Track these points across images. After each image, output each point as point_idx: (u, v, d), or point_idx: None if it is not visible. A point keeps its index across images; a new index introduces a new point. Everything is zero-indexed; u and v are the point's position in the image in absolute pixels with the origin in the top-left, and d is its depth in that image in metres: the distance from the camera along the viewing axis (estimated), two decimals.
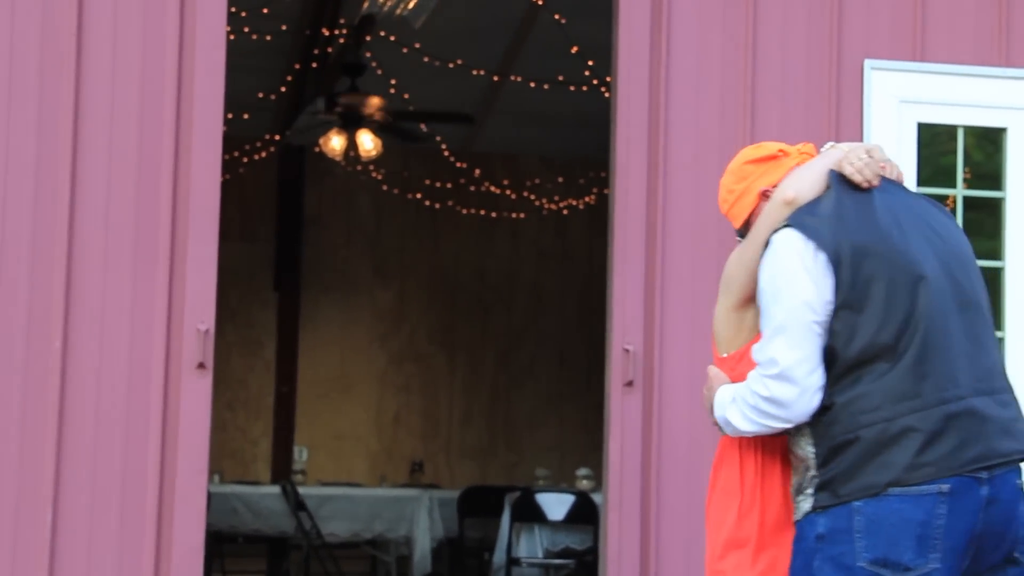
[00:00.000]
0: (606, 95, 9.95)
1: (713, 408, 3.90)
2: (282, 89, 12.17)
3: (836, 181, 3.84)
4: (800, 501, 3.76)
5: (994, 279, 5.79)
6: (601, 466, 5.83)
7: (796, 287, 3.71)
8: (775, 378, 3.70)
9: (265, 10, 10.52)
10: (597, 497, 9.02)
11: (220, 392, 12.05)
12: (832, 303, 3.69)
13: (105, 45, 5.43)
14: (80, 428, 5.29)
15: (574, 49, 10.70)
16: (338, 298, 13.89)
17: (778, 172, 3.95)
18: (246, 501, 10.52)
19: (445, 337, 14.06)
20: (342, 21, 11.30)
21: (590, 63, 10.82)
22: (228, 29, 5.56)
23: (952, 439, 3.63)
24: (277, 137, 12.95)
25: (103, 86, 5.41)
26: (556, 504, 9.40)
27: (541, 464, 12.24)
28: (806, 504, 3.74)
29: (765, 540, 3.82)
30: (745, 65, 5.76)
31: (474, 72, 11.82)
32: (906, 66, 5.82)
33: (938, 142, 5.98)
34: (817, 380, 3.70)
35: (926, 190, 5.70)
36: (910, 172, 5.73)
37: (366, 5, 10.97)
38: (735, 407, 3.80)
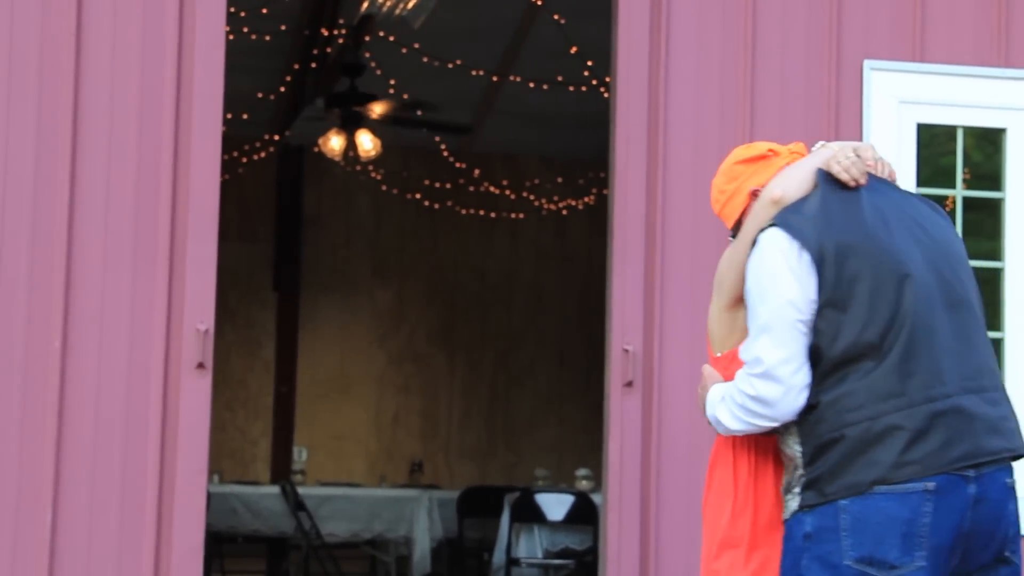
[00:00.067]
0: (605, 95, 9.95)
1: (705, 407, 3.91)
2: (281, 89, 12.17)
3: (823, 180, 3.84)
4: (788, 500, 3.77)
5: (994, 279, 5.79)
6: (600, 466, 5.83)
7: (780, 286, 3.71)
8: (760, 377, 3.71)
9: (264, 10, 10.51)
10: (596, 497, 9.02)
11: (219, 392, 12.03)
12: (816, 302, 3.69)
13: (104, 45, 5.43)
14: (80, 428, 5.28)
15: (573, 49, 10.69)
16: (337, 298, 13.89)
17: (768, 172, 3.95)
18: (245, 501, 10.51)
19: (444, 337, 14.06)
20: (341, 21, 11.30)
21: (589, 63, 10.81)
22: (227, 29, 5.56)
23: (938, 437, 3.62)
24: (276, 137, 12.95)
25: (102, 86, 5.41)
26: (555, 504, 9.39)
27: (540, 464, 12.24)
28: (794, 503, 3.74)
29: (758, 539, 3.83)
30: (745, 65, 5.76)
31: (473, 72, 11.82)
32: (906, 66, 5.82)
33: (937, 143, 5.98)
34: (802, 379, 3.70)
35: (926, 191, 5.70)
36: (910, 173, 5.73)
37: (365, 5, 10.96)
38: (724, 406, 3.81)
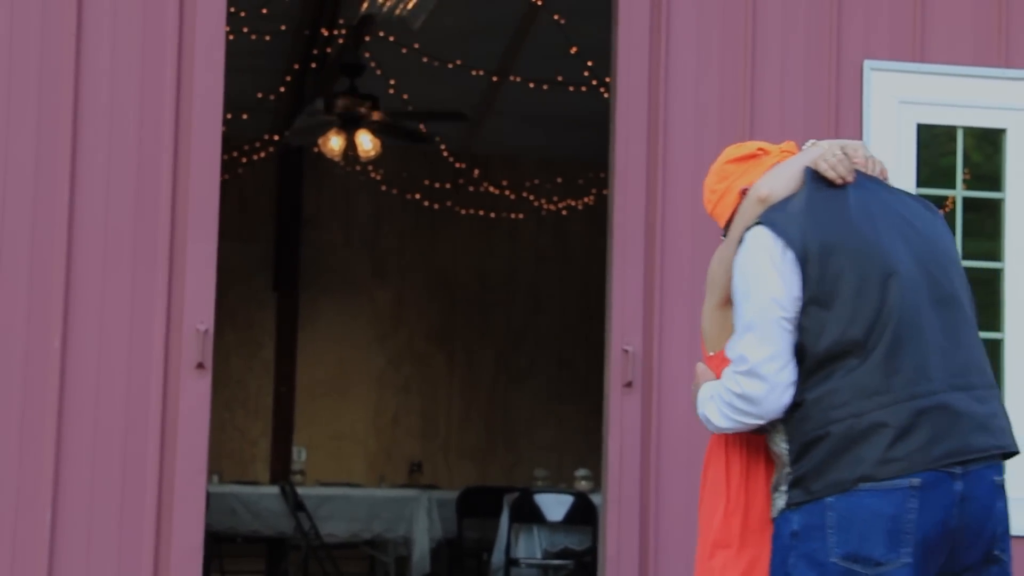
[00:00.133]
0: (605, 96, 9.95)
1: (697, 405, 3.92)
2: (281, 89, 12.17)
3: (811, 178, 3.84)
4: (776, 498, 3.77)
5: (993, 280, 5.79)
6: (600, 467, 5.83)
7: (765, 284, 3.71)
8: (745, 375, 3.71)
9: (264, 10, 10.52)
10: (596, 498, 9.02)
11: (219, 392, 12.01)
12: (801, 299, 3.69)
13: (104, 45, 5.43)
14: (80, 428, 5.28)
15: (573, 49, 10.70)
16: (337, 298, 13.88)
17: (758, 171, 3.96)
18: (245, 501, 10.51)
19: (444, 338, 14.06)
20: (341, 21, 11.30)
21: (589, 63, 10.82)
22: (227, 29, 5.56)
23: (923, 434, 3.61)
24: (276, 137, 12.95)
25: (102, 86, 5.41)
26: (555, 505, 9.39)
27: (540, 465, 12.24)
28: (781, 501, 3.74)
29: (750, 539, 3.83)
30: (745, 65, 5.76)
31: (473, 72, 11.82)
32: (906, 67, 5.82)
33: (937, 143, 5.98)
34: (787, 376, 3.70)
35: (925, 191, 5.70)
36: (910, 173, 5.73)
37: (365, 5, 10.97)
38: (712, 404, 3.82)
